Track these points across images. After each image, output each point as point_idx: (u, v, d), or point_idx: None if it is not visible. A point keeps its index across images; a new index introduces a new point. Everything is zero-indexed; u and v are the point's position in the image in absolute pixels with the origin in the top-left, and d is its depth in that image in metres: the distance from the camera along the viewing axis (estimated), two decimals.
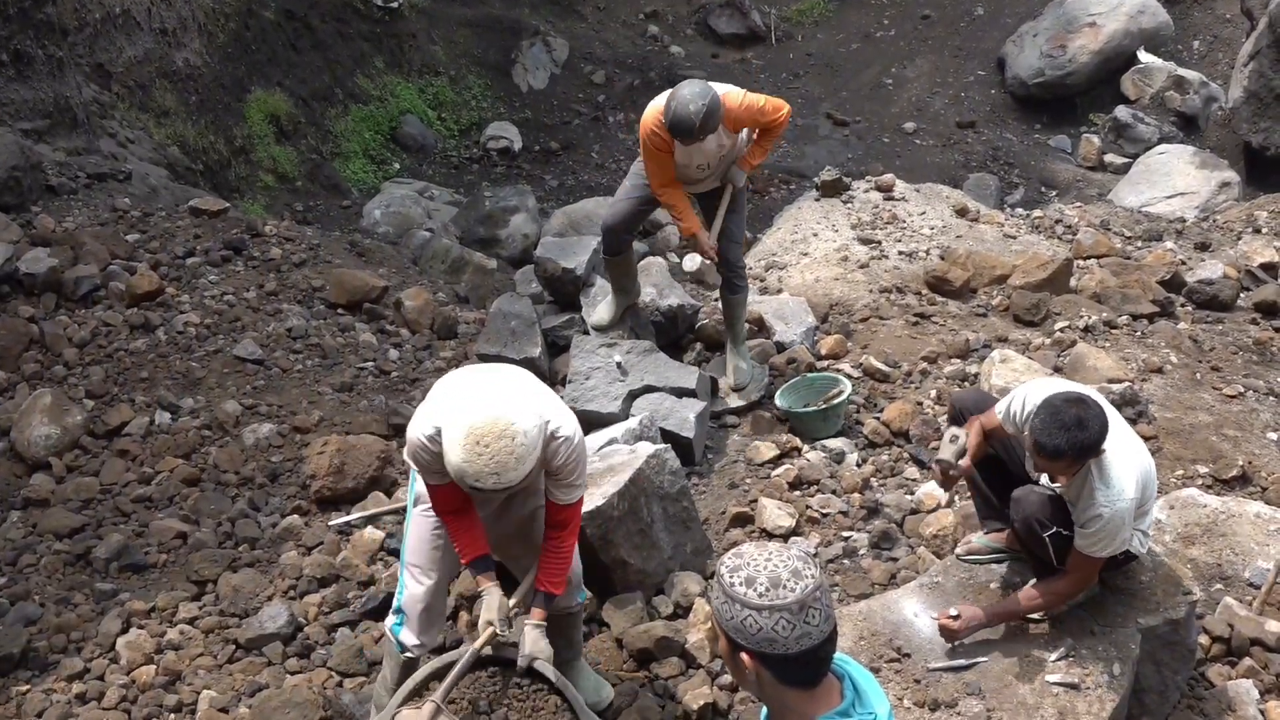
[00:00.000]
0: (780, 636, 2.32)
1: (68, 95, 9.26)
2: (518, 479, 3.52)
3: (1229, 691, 4.56)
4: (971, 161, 14.23)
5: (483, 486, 3.50)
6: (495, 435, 3.48)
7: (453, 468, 3.52)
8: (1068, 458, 3.90)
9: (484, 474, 3.47)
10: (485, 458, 3.47)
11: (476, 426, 3.50)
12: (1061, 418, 3.87)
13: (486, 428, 3.49)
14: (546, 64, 15.81)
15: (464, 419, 3.52)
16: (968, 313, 7.66)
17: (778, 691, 2.42)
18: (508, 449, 3.48)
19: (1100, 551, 4.06)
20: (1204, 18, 16.19)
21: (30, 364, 6.98)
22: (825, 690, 2.45)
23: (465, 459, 3.48)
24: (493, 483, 3.49)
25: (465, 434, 3.50)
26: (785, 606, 2.31)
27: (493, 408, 3.55)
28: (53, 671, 5.03)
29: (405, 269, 9.47)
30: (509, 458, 3.48)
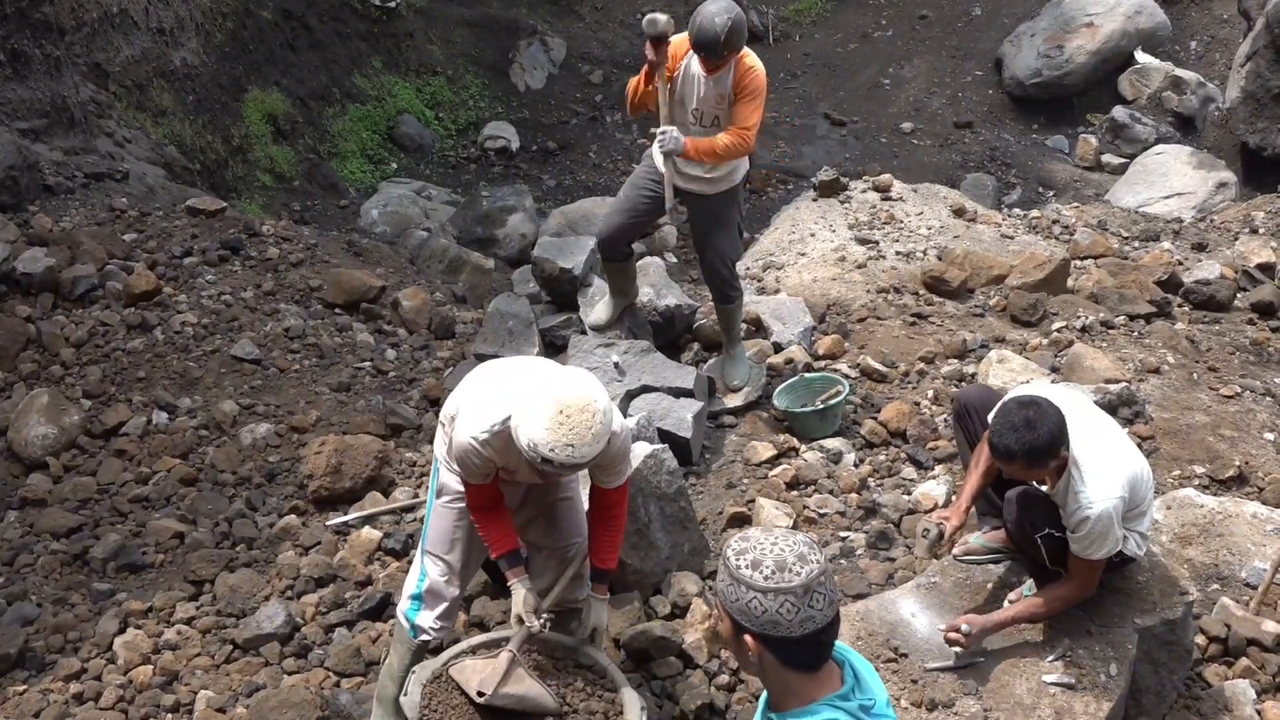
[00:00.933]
0: (785, 619, 2.36)
1: (65, 95, 9.26)
2: (590, 455, 3.57)
3: (1226, 691, 4.57)
4: (969, 161, 14.24)
5: (556, 459, 3.52)
6: (579, 409, 3.54)
7: (528, 439, 3.54)
8: (1020, 460, 3.93)
9: (559, 445, 3.50)
10: (565, 428, 3.51)
11: (563, 398, 3.55)
12: (1012, 419, 3.92)
13: (573, 400, 3.55)
14: (544, 64, 15.81)
15: (549, 393, 3.57)
16: (965, 313, 7.67)
17: (780, 674, 2.47)
18: (588, 424, 3.54)
19: (1094, 553, 4.06)
20: (1201, 18, 16.20)
21: (27, 364, 6.97)
22: (826, 674, 2.49)
23: (547, 428, 3.51)
24: (567, 455, 3.52)
25: (552, 405, 3.54)
26: (790, 590, 2.35)
27: (578, 384, 3.63)
28: (50, 671, 5.03)
29: (403, 269, 9.47)
30: (588, 432, 3.53)
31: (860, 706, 2.51)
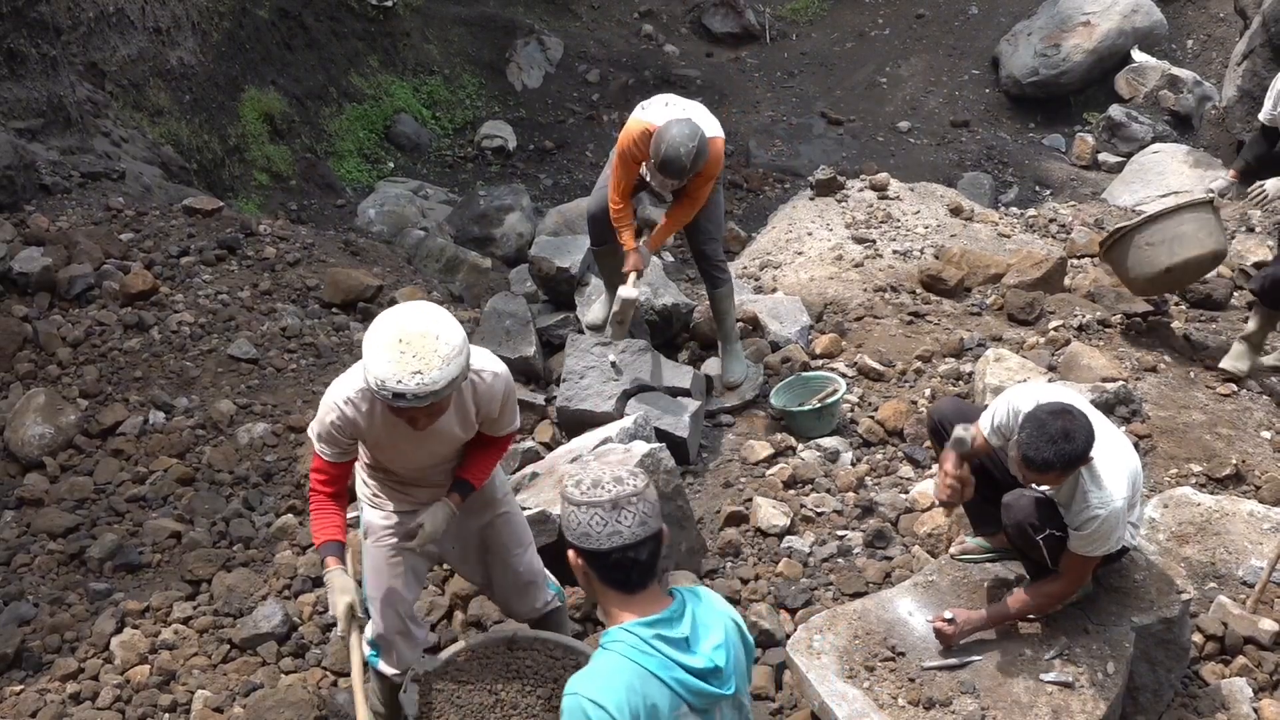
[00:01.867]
0: (594, 532, 2.61)
1: (61, 94, 9.24)
2: (442, 381, 3.40)
3: (1223, 690, 4.57)
4: (966, 160, 14.23)
5: (406, 390, 3.37)
6: (419, 334, 3.42)
7: (374, 377, 3.40)
8: (1056, 470, 3.92)
9: (405, 374, 3.36)
10: (409, 355, 3.38)
11: (401, 329, 3.43)
12: (1048, 431, 3.89)
13: (412, 329, 3.43)
14: (541, 63, 15.80)
15: (388, 329, 3.45)
16: (962, 311, 7.67)
17: (600, 592, 2.71)
18: (432, 348, 3.40)
19: (1096, 551, 4.08)
20: (1198, 17, 16.19)
21: (24, 363, 6.97)
22: (646, 600, 2.68)
23: (389, 360, 3.38)
24: (417, 383, 3.37)
25: (391, 337, 3.41)
26: (599, 504, 2.61)
27: (416, 314, 3.50)
28: (47, 671, 5.03)
29: (400, 268, 9.46)
30: (435, 356, 3.39)
31: (659, 635, 2.64)
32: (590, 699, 2.57)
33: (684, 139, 5.71)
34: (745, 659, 2.86)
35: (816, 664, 4.26)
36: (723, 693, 2.70)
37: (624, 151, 6.03)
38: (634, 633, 2.65)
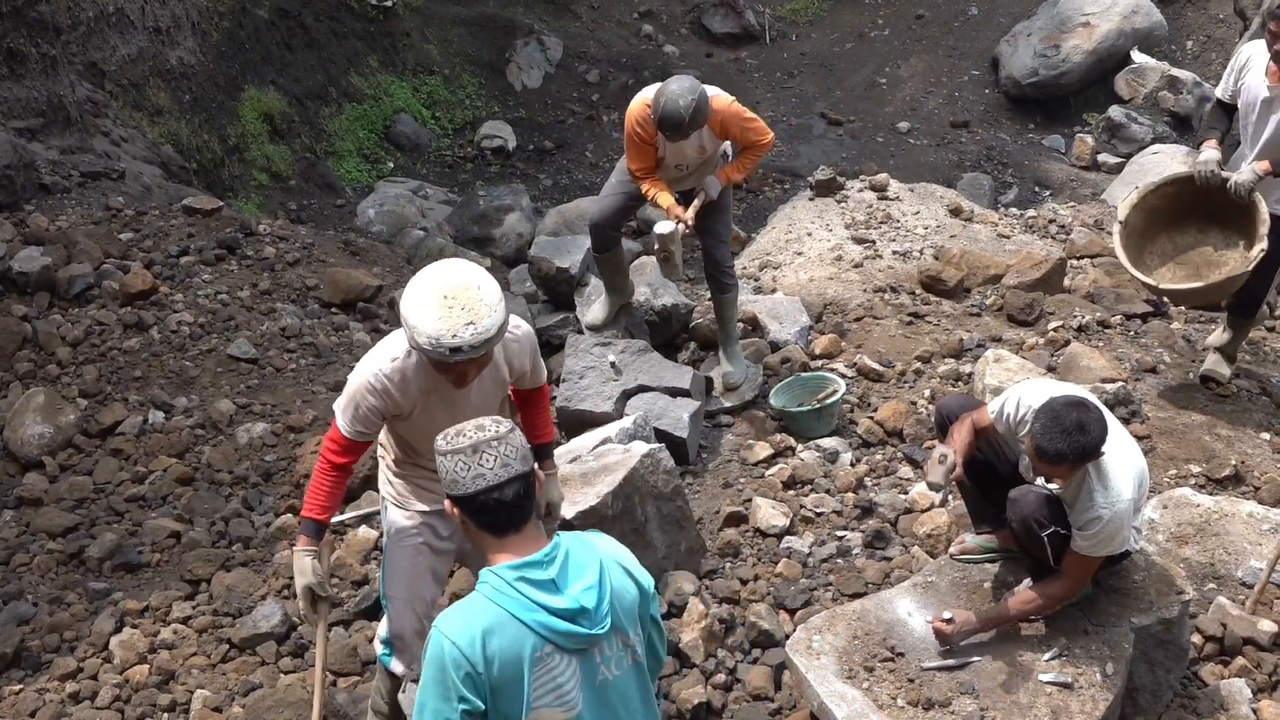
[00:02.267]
0: (460, 477, 2.72)
1: (61, 94, 9.24)
2: (493, 327, 3.46)
3: (1222, 690, 4.57)
4: (965, 161, 14.24)
5: (462, 342, 3.42)
6: (463, 287, 3.46)
7: (427, 336, 3.44)
8: (1069, 462, 3.92)
9: (459, 326, 3.41)
10: (457, 309, 3.42)
11: (442, 287, 3.47)
12: (1063, 422, 3.89)
13: (453, 285, 3.47)
14: (541, 63, 15.80)
15: (427, 289, 3.49)
16: (962, 312, 7.67)
17: (478, 537, 2.80)
18: (476, 298, 3.45)
19: (1099, 552, 4.08)
20: (1197, 18, 16.21)
21: (23, 363, 6.97)
22: (520, 542, 2.77)
23: (439, 316, 3.42)
24: (471, 334, 3.41)
25: (434, 296, 3.45)
26: (461, 449, 2.73)
27: (453, 270, 3.54)
28: (46, 671, 5.03)
29: (399, 268, 9.46)
30: (482, 306, 3.44)
31: (523, 578, 2.71)
32: (446, 635, 2.69)
33: (682, 92, 5.65)
34: (635, 600, 2.89)
35: (816, 664, 4.25)
36: (592, 633, 2.74)
37: (630, 134, 6.00)
38: (499, 575, 2.73)
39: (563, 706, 2.76)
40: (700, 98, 5.68)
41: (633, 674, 2.90)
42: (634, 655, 2.89)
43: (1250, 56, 6.22)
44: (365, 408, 3.77)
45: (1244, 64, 6.25)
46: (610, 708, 2.85)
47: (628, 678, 2.89)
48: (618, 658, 2.85)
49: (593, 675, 2.80)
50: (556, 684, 2.74)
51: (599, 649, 2.79)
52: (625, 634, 2.86)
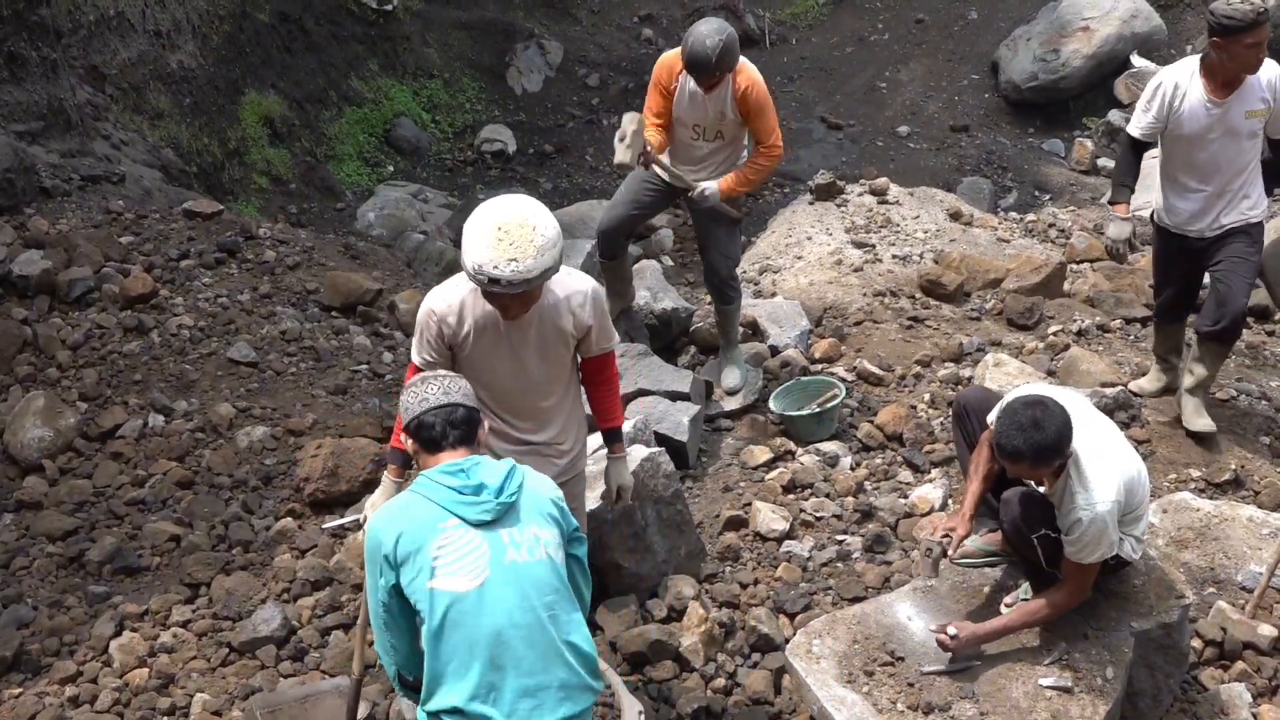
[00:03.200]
0: (410, 406, 3.31)
1: (61, 97, 9.25)
2: (536, 270, 3.60)
3: (1222, 695, 4.58)
4: (965, 165, 14.25)
5: (501, 275, 3.57)
6: (517, 224, 3.61)
7: (472, 263, 3.61)
8: (1027, 459, 3.94)
9: (502, 259, 3.56)
10: (506, 243, 3.57)
11: (499, 218, 3.63)
12: (1019, 419, 3.92)
13: (509, 218, 3.63)
14: (541, 67, 15.80)
15: (487, 216, 3.65)
16: (961, 316, 7.67)
17: (421, 459, 3.30)
18: (528, 237, 3.59)
19: (1087, 557, 4.06)
20: (1196, 22, 16.20)
21: (23, 366, 6.96)
22: (450, 457, 3.23)
23: (487, 245, 3.58)
24: (512, 270, 3.57)
25: (490, 225, 3.62)
26: (414, 385, 3.35)
27: (515, 204, 3.70)
28: (45, 674, 5.02)
29: (399, 271, 9.46)
30: (530, 245, 3.58)
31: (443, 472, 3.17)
32: (371, 525, 3.23)
33: (710, 32, 5.69)
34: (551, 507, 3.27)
35: (816, 668, 4.26)
36: (483, 500, 3.11)
37: (655, 79, 6.05)
38: (425, 475, 3.22)
39: (468, 575, 3.07)
40: (729, 39, 5.72)
41: (548, 565, 3.16)
42: (547, 550, 3.17)
43: (1178, 82, 5.76)
44: (429, 335, 3.99)
45: (1172, 92, 5.75)
46: (520, 587, 3.09)
47: (542, 567, 3.14)
48: (529, 545, 3.14)
49: (501, 554, 3.10)
50: (460, 554, 3.09)
51: (508, 533, 3.13)
52: (538, 527, 3.19)
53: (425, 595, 3.08)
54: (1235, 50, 5.48)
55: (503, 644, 3.06)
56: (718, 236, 6.34)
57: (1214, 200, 5.88)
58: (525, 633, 3.07)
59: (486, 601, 3.06)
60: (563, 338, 4.02)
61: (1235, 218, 5.89)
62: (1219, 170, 5.81)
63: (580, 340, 4.07)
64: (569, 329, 3.99)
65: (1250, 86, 5.65)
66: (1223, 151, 5.76)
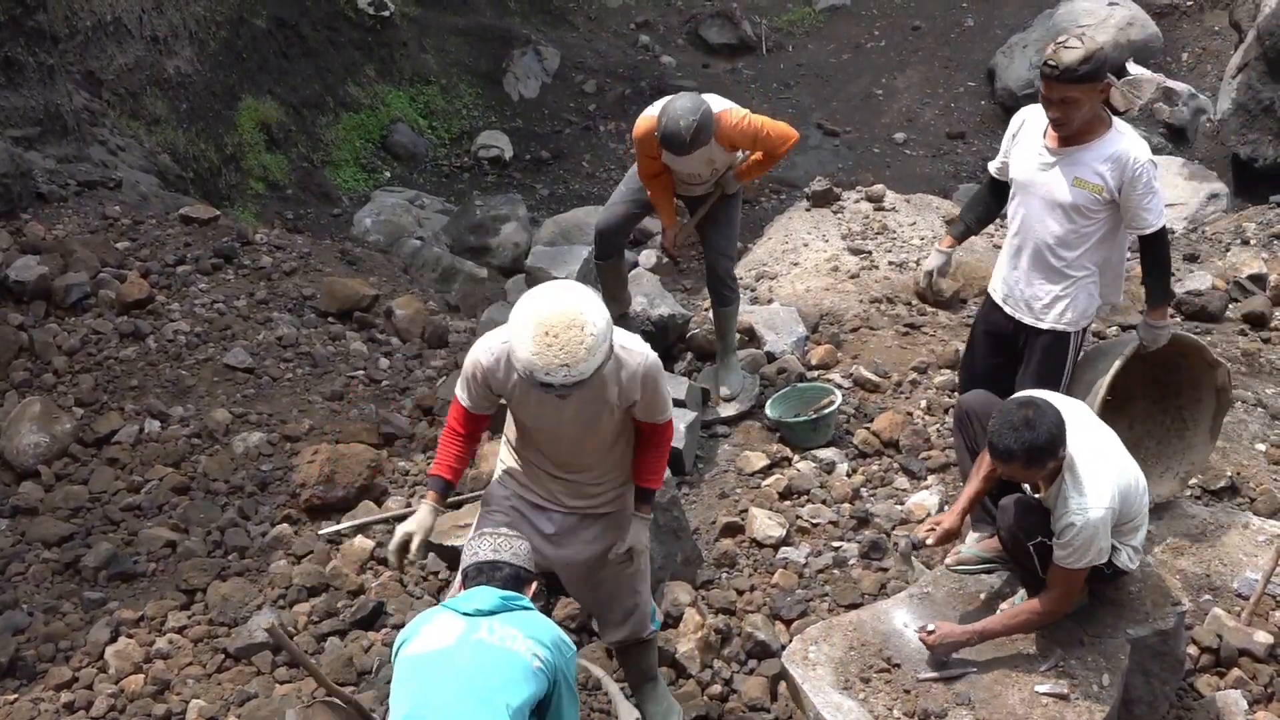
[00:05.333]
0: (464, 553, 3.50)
1: (58, 103, 9.24)
2: (589, 371, 3.51)
3: (1218, 702, 4.58)
4: (962, 172, 14.27)
5: (553, 380, 3.49)
6: (565, 325, 3.49)
7: (522, 364, 3.51)
8: (1019, 459, 3.93)
9: (553, 365, 3.47)
10: (556, 347, 3.47)
11: (545, 317, 3.51)
12: (1011, 419, 3.92)
13: (556, 318, 3.50)
14: (538, 73, 15.83)
15: (531, 314, 3.54)
16: (958, 323, 7.68)
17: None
18: (577, 339, 3.48)
19: (1075, 563, 4.05)
20: (1192, 30, 16.26)
21: (19, 371, 6.96)
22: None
23: (535, 351, 3.48)
24: (563, 375, 3.48)
25: (534, 326, 3.50)
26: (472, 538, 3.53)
27: (561, 300, 3.57)
28: (41, 680, 5.02)
29: (396, 277, 9.46)
30: (579, 348, 3.48)
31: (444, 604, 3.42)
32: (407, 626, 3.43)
33: (684, 112, 5.64)
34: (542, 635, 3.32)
35: (812, 675, 4.25)
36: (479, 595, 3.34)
37: (639, 144, 6.04)
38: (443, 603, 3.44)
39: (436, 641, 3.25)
40: (703, 118, 5.65)
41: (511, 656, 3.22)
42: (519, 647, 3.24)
43: (1027, 118, 4.99)
44: (474, 384, 3.95)
45: (1019, 127, 5.03)
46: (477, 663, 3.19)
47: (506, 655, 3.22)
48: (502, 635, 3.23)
49: (474, 631, 3.24)
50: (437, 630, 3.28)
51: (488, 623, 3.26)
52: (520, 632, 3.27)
53: (400, 661, 3.30)
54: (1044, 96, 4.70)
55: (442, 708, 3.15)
56: (716, 236, 6.38)
57: (1027, 276, 4.94)
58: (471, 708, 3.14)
59: (445, 663, 3.20)
60: (607, 407, 3.90)
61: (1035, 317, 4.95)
62: (1032, 237, 4.89)
63: (630, 407, 3.96)
64: (613, 400, 3.87)
65: (1092, 151, 4.75)
66: (1044, 216, 4.82)
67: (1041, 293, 4.90)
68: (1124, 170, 4.66)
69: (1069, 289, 4.86)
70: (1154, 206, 4.70)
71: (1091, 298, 4.90)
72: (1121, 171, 4.66)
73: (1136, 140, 4.79)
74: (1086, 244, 4.78)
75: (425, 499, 4.08)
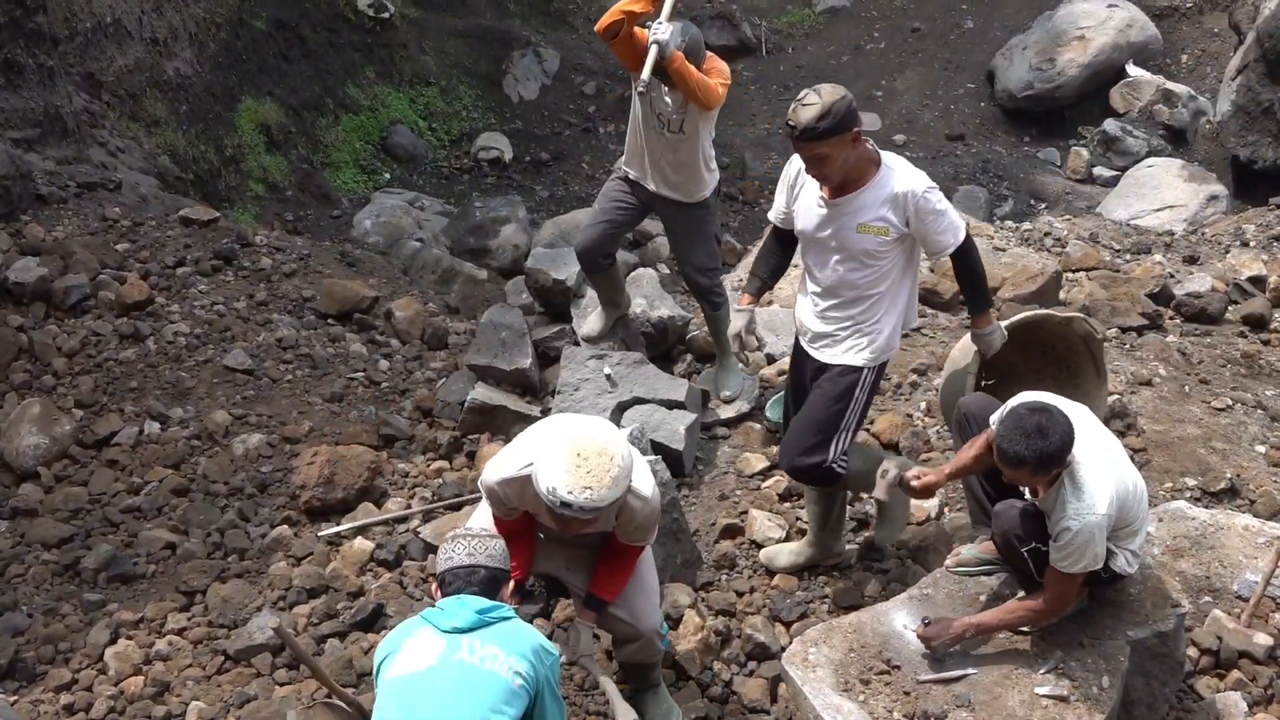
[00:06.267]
0: (440, 559, 3.63)
1: (58, 104, 9.24)
2: (609, 499, 3.71)
3: (1217, 704, 4.57)
4: (961, 174, 14.27)
5: (574, 501, 3.67)
6: (596, 452, 3.72)
7: (548, 485, 3.70)
8: (1028, 465, 3.92)
9: (578, 488, 3.67)
10: (583, 470, 3.68)
11: (579, 441, 3.75)
12: (1024, 425, 3.90)
13: (589, 445, 3.74)
14: (537, 75, 15.83)
15: (566, 439, 3.75)
16: (957, 325, 7.68)
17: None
18: (605, 467, 3.70)
19: (1070, 567, 4.05)
20: (1192, 32, 16.27)
21: (19, 373, 6.96)
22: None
23: (564, 470, 3.69)
24: (585, 498, 3.67)
25: (569, 449, 3.73)
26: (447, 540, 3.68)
27: (595, 431, 3.84)
28: (40, 682, 5.02)
29: (396, 279, 9.46)
30: (605, 475, 3.70)
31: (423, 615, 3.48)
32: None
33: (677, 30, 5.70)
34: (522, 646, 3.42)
35: (812, 677, 4.25)
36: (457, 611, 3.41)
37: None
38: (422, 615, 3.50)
39: (417, 662, 3.35)
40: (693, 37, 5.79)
41: (493, 677, 3.31)
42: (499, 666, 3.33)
43: (801, 170, 4.76)
44: (497, 503, 4.16)
45: (795, 175, 4.85)
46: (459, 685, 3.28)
47: (487, 677, 3.30)
48: (483, 656, 3.33)
49: (455, 652, 3.33)
50: (418, 648, 3.37)
51: (468, 641, 3.36)
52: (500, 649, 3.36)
53: (383, 683, 3.40)
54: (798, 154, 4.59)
55: None
56: (691, 252, 6.35)
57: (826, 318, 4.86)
58: None
59: (429, 684, 3.30)
60: (604, 536, 4.21)
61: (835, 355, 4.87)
62: (827, 284, 4.78)
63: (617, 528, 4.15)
64: (611, 523, 4.08)
65: (868, 195, 4.58)
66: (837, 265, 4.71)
67: (842, 332, 4.83)
68: (906, 206, 4.56)
69: (871, 327, 4.79)
70: (948, 227, 4.62)
71: (895, 332, 4.85)
72: (904, 208, 4.56)
73: (907, 173, 4.63)
74: (885, 282, 4.71)
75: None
